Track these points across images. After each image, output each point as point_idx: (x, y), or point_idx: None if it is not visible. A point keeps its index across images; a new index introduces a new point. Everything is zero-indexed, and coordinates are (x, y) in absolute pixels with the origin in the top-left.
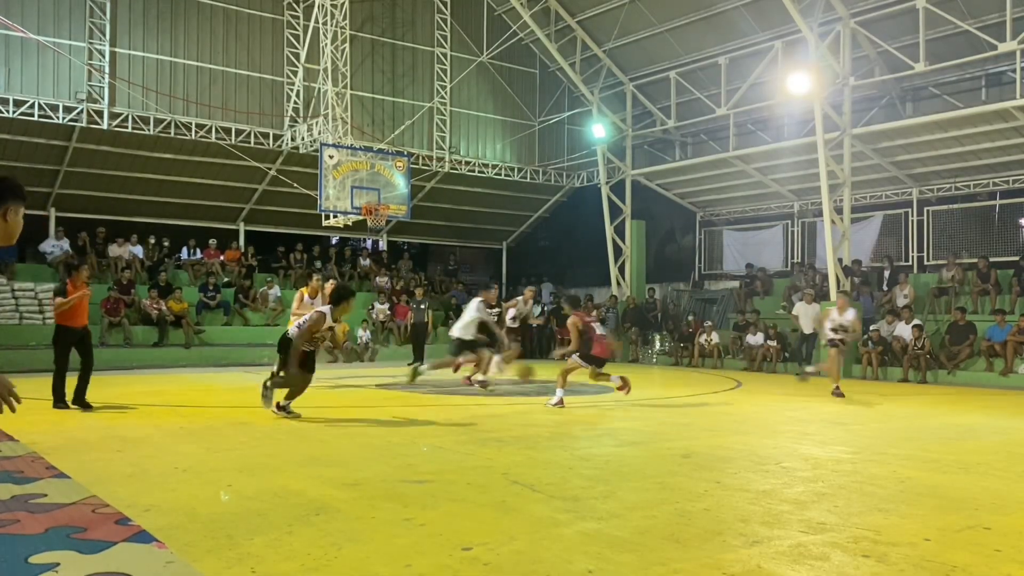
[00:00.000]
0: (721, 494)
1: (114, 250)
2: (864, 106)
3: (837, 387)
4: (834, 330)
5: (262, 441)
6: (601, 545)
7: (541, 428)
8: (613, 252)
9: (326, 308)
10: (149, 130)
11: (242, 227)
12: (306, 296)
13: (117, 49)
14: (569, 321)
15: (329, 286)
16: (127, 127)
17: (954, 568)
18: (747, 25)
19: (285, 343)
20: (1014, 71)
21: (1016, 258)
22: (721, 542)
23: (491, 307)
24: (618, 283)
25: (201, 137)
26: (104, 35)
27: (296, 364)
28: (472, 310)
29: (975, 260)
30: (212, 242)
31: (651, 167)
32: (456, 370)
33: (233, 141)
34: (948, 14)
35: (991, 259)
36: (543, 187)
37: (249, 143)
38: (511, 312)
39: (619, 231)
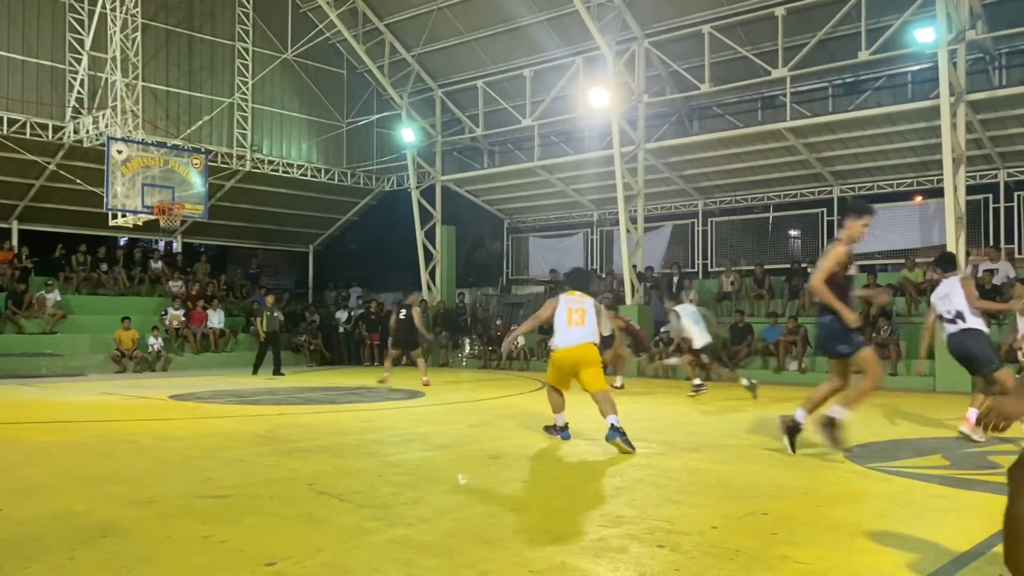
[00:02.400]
0: (528, 493)
1: None
2: (656, 122)
3: None
4: None
5: (39, 459)
6: (410, 551)
7: (349, 436)
8: (424, 257)
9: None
10: None
11: (15, 226)
12: None
13: None
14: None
15: None
16: None
17: (737, 552)
18: (551, 40)
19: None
20: (785, 95)
21: (787, 265)
22: (527, 540)
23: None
24: (428, 287)
25: None
26: None
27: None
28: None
29: (752, 267)
30: None
31: (460, 173)
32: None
33: (5, 132)
34: (730, 40)
35: (766, 266)
36: (351, 190)
37: (24, 134)
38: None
39: (429, 236)
